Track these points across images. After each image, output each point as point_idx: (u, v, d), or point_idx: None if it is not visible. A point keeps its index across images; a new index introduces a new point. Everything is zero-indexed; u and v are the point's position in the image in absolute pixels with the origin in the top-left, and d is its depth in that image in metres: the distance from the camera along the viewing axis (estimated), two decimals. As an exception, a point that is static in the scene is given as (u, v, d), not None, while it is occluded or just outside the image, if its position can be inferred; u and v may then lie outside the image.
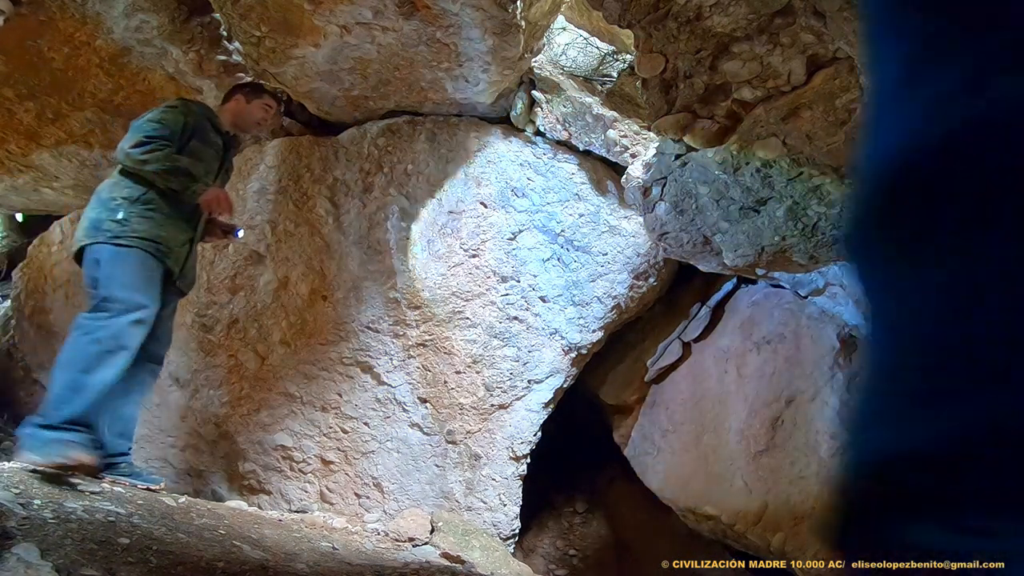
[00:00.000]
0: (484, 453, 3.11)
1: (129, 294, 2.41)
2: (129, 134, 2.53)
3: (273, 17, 2.58)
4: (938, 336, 0.44)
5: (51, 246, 3.99)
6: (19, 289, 4.06)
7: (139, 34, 2.89)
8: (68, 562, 1.41)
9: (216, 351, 3.30)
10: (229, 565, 1.76)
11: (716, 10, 1.85)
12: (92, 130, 3.34)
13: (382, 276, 3.14)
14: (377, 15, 2.51)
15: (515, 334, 3.13)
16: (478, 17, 2.51)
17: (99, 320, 2.35)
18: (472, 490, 3.09)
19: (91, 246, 2.45)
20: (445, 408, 3.12)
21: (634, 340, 3.52)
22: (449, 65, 2.78)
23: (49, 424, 2.14)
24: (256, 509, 2.87)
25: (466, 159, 3.21)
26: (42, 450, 2.06)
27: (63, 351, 2.31)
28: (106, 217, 2.47)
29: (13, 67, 3.01)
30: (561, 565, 3.43)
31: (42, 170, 3.60)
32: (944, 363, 0.44)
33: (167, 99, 3.18)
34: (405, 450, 3.12)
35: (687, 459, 2.85)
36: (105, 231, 2.46)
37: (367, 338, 3.15)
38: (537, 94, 3.19)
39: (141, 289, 2.45)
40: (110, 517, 1.77)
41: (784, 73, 1.89)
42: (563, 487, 3.80)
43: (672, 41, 1.98)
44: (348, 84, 2.93)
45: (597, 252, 3.21)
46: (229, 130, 2.67)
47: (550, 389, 3.20)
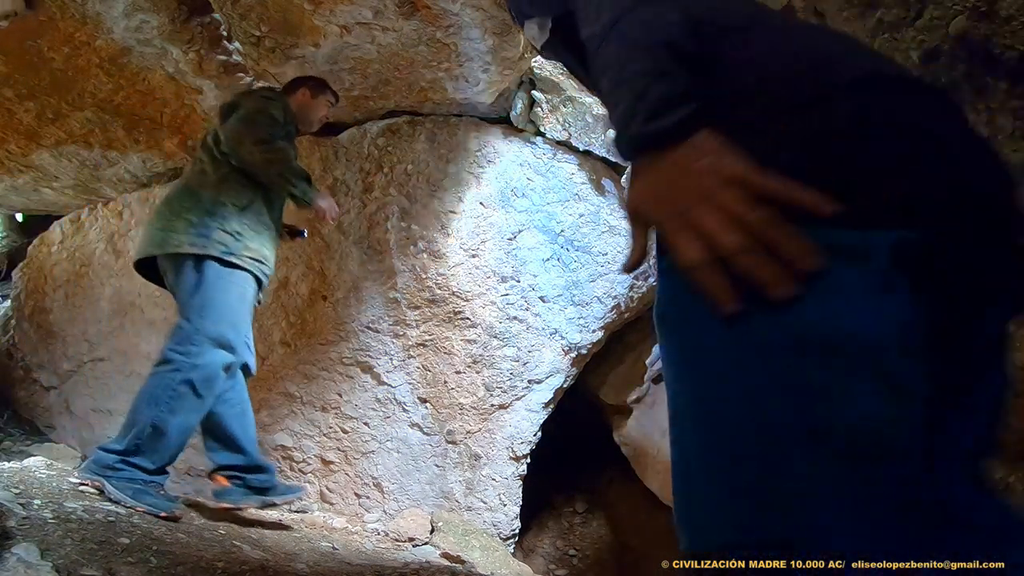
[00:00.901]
0: (484, 453, 3.11)
1: (224, 330, 2.16)
2: (240, 127, 2.23)
3: (273, 17, 2.58)
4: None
5: (51, 246, 3.99)
6: (19, 289, 4.06)
7: (139, 34, 2.89)
8: (68, 562, 1.41)
9: (216, 351, 3.30)
10: (229, 565, 1.76)
11: (716, 10, 1.85)
12: (92, 130, 3.34)
13: (382, 276, 3.14)
14: (377, 15, 2.51)
15: (515, 334, 3.13)
16: (478, 17, 2.51)
17: (190, 358, 2.12)
18: (472, 490, 3.09)
19: (197, 257, 2.17)
20: (445, 408, 3.12)
21: (634, 340, 3.52)
22: (449, 65, 2.78)
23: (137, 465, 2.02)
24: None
25: (466, 159, 3.21)
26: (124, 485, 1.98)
27: (150, 383, 2.11)
28: (216, 225, 2.19)
29: (13, 67, 3.01)
30: (561, 565, 3.43)
31: (42, 170, 3.60)
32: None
33: (167, 99, 3.20)
34: (405, 450, 3.12)
35: (687, 459, 2.84)
36: (217, 243, 2.18)
37: (367, 338, 3.15)
38: (537, 94, 3.19)
39: (237, 325, 2.21)
40: (110, 517, 1.77)
41: (784, 73, 1.88)
42: (563, 487, 3.80)
43: (672, 41, 1.98)
44: (348, 84, 2.93)
45: (597, 252, 3.21)
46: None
47: (550, 389, 3.20)
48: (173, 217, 2.22)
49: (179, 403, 2.09)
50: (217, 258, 2.17)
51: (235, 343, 2.19)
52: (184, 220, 2.20)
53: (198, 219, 2.20)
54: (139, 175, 3.61)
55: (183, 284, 2.17)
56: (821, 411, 0.56)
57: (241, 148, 2.23)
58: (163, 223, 2.23)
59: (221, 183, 2.27)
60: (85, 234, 3.84)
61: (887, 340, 0.58)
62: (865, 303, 0.58)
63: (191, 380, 2.10)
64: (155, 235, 2.24)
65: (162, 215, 2.27)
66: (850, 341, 0.57)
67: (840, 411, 0.56)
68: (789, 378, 0.57)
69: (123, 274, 3.64)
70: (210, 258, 2.17)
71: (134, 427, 2.06)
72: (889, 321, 0.58)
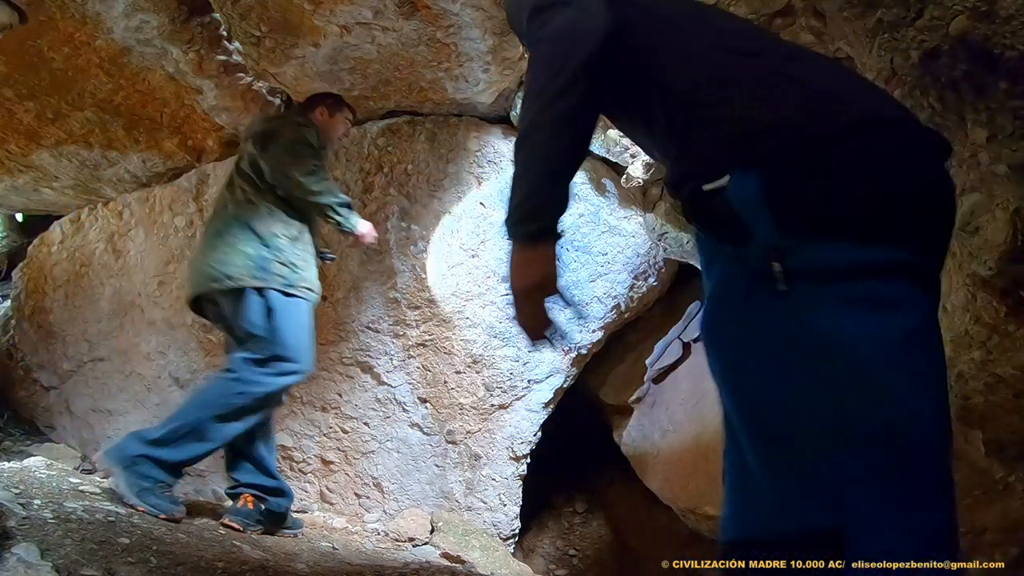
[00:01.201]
0: (484, 453, 3.11)
1: (295, 354, 2.26)
2: (287, 159, 2.33)
3: (273, 17, 2.58)
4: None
5: (51, 246, 3.99)
6: (19, 289, 4.06)
7: (139, 34, 2.88)
8: (68, 562, 1.41)
9: (216, 351, 3.29)
10: (229, 565, 1.76)
11: (716, 10, 1.85)
12: (92, 130, 3.34)
13: (382, 276, 3.14)
14: (377, 15, 2.51)
15: (515, 334, 3.13)
16: (478, 17, 2.51)
17: (259, 375, 2.20)
18: (472, 490, 3.09)
19: (260, 290, 2.25)
20: (445, 408, 3.12)
21: (634, 340, 3.52)
22: (449, 65, 2.78)
23: (159, 459, 2.04)
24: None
25: (466, 159, 3.21)
26: (134, 482, 1.98)
27: (208, 387, 2.19)
28: (272, 258, 2.29)
29: (13, 67, 3.01)
30: (561, 565, 3.43)
31: (42, 170, 3.59)
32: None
33: (167, 99, 3.20)
34: (405, 450, 3.12)
35: (687, 459, 2.84)
36: (276, 275, 2.28)
37: (367, 338, 3.15)
38: (537, 94, 3.19)
39: (304, 349, 2.30)
40: (110, 517, 1.77)
41: (784, 73, 1.88)
42: (563, 487, 3.80)
43: (672, 41, 1.98)
44: (348, 84, 2.93)
45: (597, 252, 3.21)
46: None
47: (550, 389, 3.20)
48: (229, 251, 2.28)
49: (230, 413, 2.15)
50: (278, 290, 2.27)
51: (299, 370, 2.29)
52: (242, 254, 2.26)
53: (255, 252, 2.28)
54: (139, 175, 3.60)
55: (248, 316, 2.24)
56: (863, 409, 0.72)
57: (290, 181, 2.34)
58: (219, 257, 2.29)
59: (271, 214, 2.35)
60: (85, 234, 3.84)
61: (912, 344, 0.74)
62: (890, 315, 0.73)
63: (251, 394, 2.17)
64: (210, 270, 2.29)
65: (215, 248, 2.32)
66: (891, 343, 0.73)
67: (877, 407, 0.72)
68: (830, 383, 0.73)
69: (123, 274, 3.64)
70: (272, 289, 2.27)
71: (175, 422, 2.10)
72: (911, 327, 0.74)
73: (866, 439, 0.70)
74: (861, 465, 0.70)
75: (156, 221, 3.54)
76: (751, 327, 0.78)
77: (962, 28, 1.15)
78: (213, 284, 2.27)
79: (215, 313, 2.36)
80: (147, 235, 3.56)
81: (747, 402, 0.79)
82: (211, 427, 2.13)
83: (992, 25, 1.12)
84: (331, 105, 2.67)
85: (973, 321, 1.46)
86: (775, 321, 0.75)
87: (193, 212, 3.43)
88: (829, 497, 0.70)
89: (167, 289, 3.44)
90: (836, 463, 0.71)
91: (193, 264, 2.43)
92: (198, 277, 2.33)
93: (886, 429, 0.70)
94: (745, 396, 0.79)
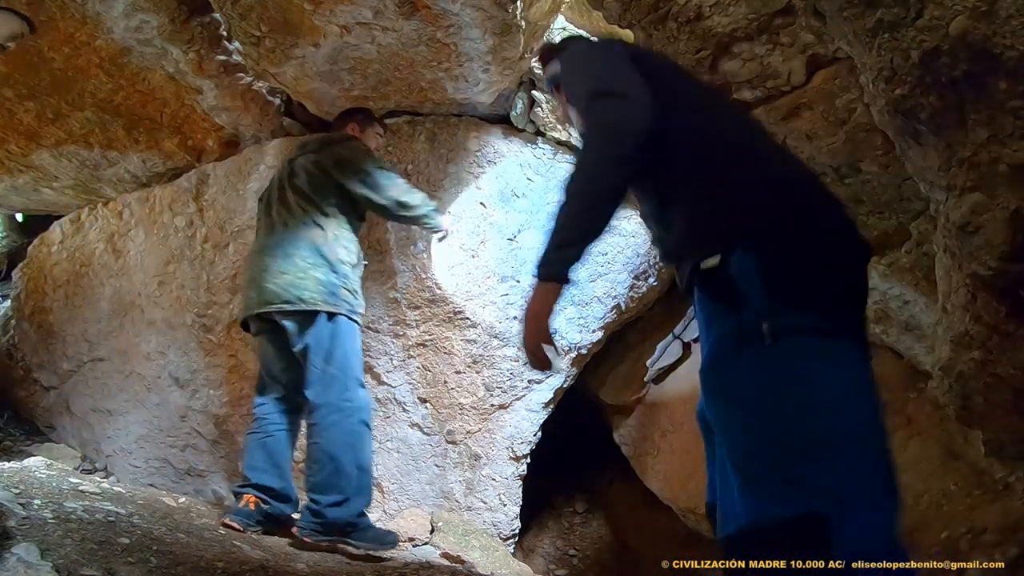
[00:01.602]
0: (484, 453, 3.11)
1: (359, 374, 2.46)
2: (384, 182, 2.55)
3: (273, 17, 2.58)
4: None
5: (51, 246, 3.99)
6: (19, 289, 4.06)
7: (139, 34, 2.88)
8: (68, 562, 1.41)
9: (216, 351, 3.30)
10: (229, 565, 1.76)
11: (716, 10, 1.85)
12: (92, 130, 3.34)
13: (382, 276, 3.14)
14: (377, 15, 2.51)
15: (515, 334, 3.13)
16: (478, 17, 2.50)
17: (354, 402, 2.37)
18: (472, 490, 3.09)
19: (330, 315, 2.39)
20: (445, 408, 3.12)
21: (634, 340, 3.52)
22: (449, 65, 2.77)
23: (356, 524, 2.28)
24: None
25: (466, 159, 3.21)
26: (378, 540, 2.30)
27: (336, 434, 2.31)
28: (340, 284, 2.43)
29: (13, 67, 3.01)
30: (561, 565, 3.43)
31: (42, 170, 3.59)
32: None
33: (167, 99, 3.20)
34: (405, 450, 3.12)
35: (687, 459, 2.84)
36: (345, 302, 2.44)
37: (367, 338, 3.15)
38: (537, 94, 3.19)
39: (362, 370, 2.50)
40: (110, 517, 1.78)
41: (784, 73, 1.88)
42: (563, 487, 3.80)
43: (672, 41, 1.98)
44: (348, 84, 2.93)
45: (597, 252, 3.21)
46: None
47: (550, 389, 3.20)
48: (300, 273, 2.40)
49: (364, 441, 2.37)
50: (346, 315, 2.43)
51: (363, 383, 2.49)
52: (313, 279, 2.39)
53: (326, 278, 2.41)
54: (139, 175, 3.60)
55: (318, 337, 2.38)
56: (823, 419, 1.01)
57: (400, 206, 2.58)
58: (291, 280, 2.40)
59: (336, 240, 2.49)
60: (85, 234, 3.84)
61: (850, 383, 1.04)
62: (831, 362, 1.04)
63: (364, 419, 2.38)
64: (282, 292, 2.39)
65: (284, 270, 2.42)
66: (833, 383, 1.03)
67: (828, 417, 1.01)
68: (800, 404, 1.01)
69: (123, 274, 3.64)
70: (341, 315, 2.42)
71: (341, 476, 2.27)
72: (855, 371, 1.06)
73: (838, 444, 0.97)
74: (837, 463, 0.96)
75: (156, 221, 3.54)
76: (744, 371, 1.04)
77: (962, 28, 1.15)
78: (284, 305, 2.38)
79: (271, 333, 2.48)
80: (147, 235, 3.56)
81: (739, 428, 1.05)
82: (367, 458, 2.37)
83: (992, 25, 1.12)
84: (361, 120, 2.81)
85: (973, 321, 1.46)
86: (764, 366, 1.03)
87: (193, 212, 3.43)
88: (806, 490, 0.95)
89: (167, 289, 3.44)
90: (817, 464, 0.96)
91: (256, 283, 2.48)
92: (267, 296, 2.42)
93: (848, 436, 0.98)
94: (739, 424, 1.05)
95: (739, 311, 1.04)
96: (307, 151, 2.66)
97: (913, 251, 2.08)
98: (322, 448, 2.29)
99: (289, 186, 2.59)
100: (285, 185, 2.61)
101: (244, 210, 3.26)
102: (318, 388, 2.35)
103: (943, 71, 1.22)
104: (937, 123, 1.30)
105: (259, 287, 2.45)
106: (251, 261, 2.60)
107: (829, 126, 1.89)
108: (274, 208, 2.60)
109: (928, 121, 1.31)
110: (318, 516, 2.24)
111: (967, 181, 1.30)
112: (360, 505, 2.31)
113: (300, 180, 2.56)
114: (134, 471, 3.46)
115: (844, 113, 1.84)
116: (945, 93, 1.25)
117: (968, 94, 1.22)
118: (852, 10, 1.33)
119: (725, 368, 1.07)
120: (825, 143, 1.92)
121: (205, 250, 3.35)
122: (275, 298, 2.39)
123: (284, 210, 2.56)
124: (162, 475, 3.41)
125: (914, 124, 1.34)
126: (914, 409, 2.36)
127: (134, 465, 3.48)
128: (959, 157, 1.30)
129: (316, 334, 2.37)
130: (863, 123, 1.81)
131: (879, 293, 2.33)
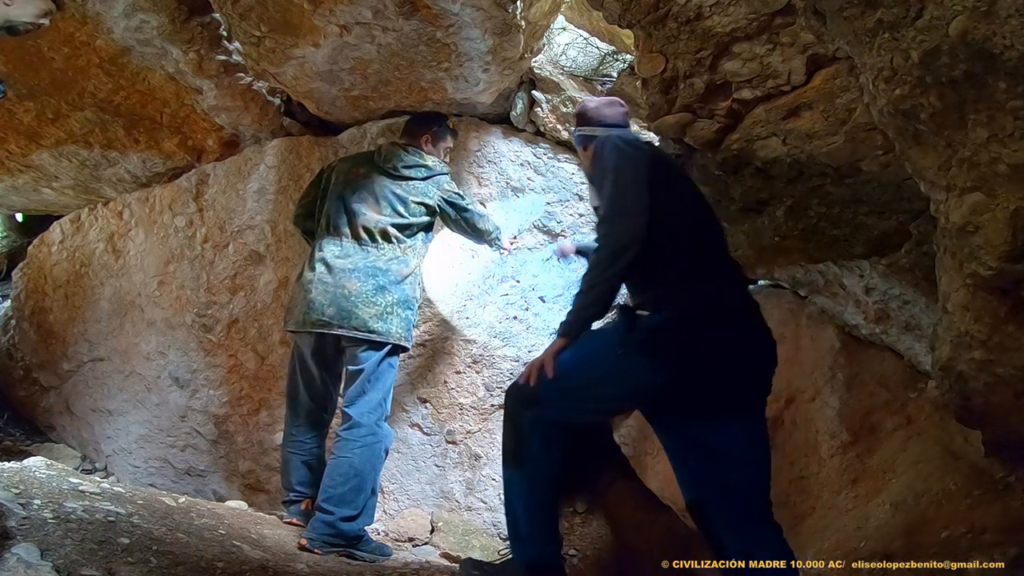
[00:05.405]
0: (484, 453, 3.11)
1: (389, 408, 2.58)
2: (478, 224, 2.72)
3: (273, 17, 2.58)
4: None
5: (51, 246, 3.99)
6: (19, 289, 4.06)
7: (139, 34, 2.89)
8: (68, 562, 1.41)
9: (216, 351, 3.30)
10: (229, 565, 1.76)
11: (716, 10, 1.85)
12: (92, 130, 3.34)
13: (382, 276, 3.14)
14: (377, 15, 2.51)
15: (515, 334, 3.13)
16: (478, 17, 2.50)
17: (383, 429, 2.49)
18: (472, 490, 3.09)
19: (394, 347, 2.50)
20: (445, 408, 3.12)
21: (634, 340, 3.51)
22: (449, 65, 2.77)
23: (362, 536, 2.40)
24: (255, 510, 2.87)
25: (466, 159, 3.21)
26: (380, 552, 2.40)
27: (368, 455, 2.41)
28: (412, 320, 2.57)
29: (13, 67, 3.01)
30: (561, 565, 3.42)
31: (42, 170, 3.60)
32: None
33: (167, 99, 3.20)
34: (405, 450, 3.12)
35: (687, 459, 2.84)
36: (407, 339, 2.54)
37: (367, 338, 3.15)
38: (537, 94, 3.19)
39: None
40: (110, 517, 1.77)
41: (784, 73, 1.88)
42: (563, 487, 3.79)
43: (672, 41, 1.98)
44: (348, 84, 2.93)
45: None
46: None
47: (550, 389, 3.19)
48: (390, 308, 2.47)
49: (380, 468, 2.50)
50: (403, 349, 2.57)
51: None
52: (396, 314, 2.48)
53: (404, 313, 2.51)
54: (139, 175, 3.61)
55: (372, 364, 2.46)
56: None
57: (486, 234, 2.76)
58: (376, 312, 2.46)
59: (414, 278, 2.58)
60: (85, 234, 3.84)
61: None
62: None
63: (388, 448, 2.52)
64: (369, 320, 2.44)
65: (375, 301, 2.46)
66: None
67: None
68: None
69: (123, 274, 3.64)
70: (403, 348, 2.55)
71: (360, 493, 2.38)
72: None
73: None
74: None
75: (156, 221, 3.54)
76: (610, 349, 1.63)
77: (962, 28, 1.15)
78: (370, 335, 2.44)
79: (324, 348, 2.53)
80: (147, 235, 3.56)
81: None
82: (378, 483, 2.53)
83: (992, 25, 1.12)
84: (436, 133, 2.79)
85: (973, 321, 1.46)
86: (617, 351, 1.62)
87: (193, 212, 3.43)
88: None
89: (167, 289, 3.45)
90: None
91: (337, 303, 2.45)
92: (353, 322, 2.44)
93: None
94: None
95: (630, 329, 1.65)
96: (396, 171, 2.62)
97: (913, 251, 2.08)
98: (351, 464, 2.37)
99: (376, 204, 2.57)
100: (370, 198, 2.58)
101: (244, 210, 3.26)
102: (363, 408, 2.44)
103: (943, 71, 1.22)
104: (937, 123, 1.30)
105: (342, 309, 2.44)
106: (324, 274, 2.50)
107: (829, 126, 1.89)
108: (357, 220, 2.54)
109: (928, 121, 1.31)
110: (331, 527, 2.28)
111: (967, 181, 1.31)
112: (366, 523, 2.43)
113: (395, 205, 2.57)
114: (134, 471, 3.46)
115: (844, 113, 1.84)
116: (945, 93, 1.25)
117: (968, 94, 1.22)
118: (852, 10, 1.33)
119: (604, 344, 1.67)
120: (825, 143, 1.92)
121: (205, 250, 3.35)
122: (362, 326, 2.43)
123: (368, 231, 2.54)
124: (162, 475, 3.41)
125: (914, 124, 1.34)
126: (914, 409, 2.37)
127: (134, 465, 3.48)
128: (959, 157, 1.30)
129: (376, 360, 2.47)
130: (863, 123, 1.81)
131: (879, 293, 2.33)
